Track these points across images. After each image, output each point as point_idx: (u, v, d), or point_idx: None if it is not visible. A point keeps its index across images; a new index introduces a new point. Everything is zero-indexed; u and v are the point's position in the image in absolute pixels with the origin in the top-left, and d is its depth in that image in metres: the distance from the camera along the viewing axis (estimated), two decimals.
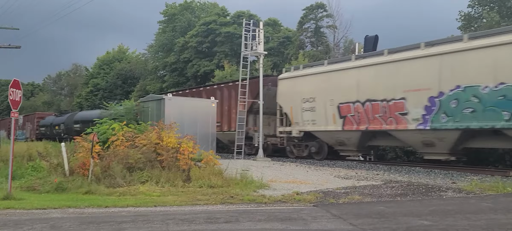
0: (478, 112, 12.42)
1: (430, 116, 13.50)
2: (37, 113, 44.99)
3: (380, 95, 14.96)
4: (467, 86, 12.62)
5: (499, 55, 11.99)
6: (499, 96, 11.98)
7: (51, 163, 11.86)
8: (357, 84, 15.69)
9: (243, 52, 19.52)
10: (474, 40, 12.97)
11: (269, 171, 13.62)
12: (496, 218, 6.62)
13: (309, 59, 31.98)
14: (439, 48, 13.64)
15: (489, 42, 12.45)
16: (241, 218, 6.68)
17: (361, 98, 15.52)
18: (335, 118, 16.38)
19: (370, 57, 15.88)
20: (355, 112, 15.78)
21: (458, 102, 12.89)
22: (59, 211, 7.55)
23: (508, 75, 11.75)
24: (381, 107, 14.97)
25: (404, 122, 14.27)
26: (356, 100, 15.70)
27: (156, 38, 50.79)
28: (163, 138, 12.21)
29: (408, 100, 14.09)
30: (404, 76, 14.28)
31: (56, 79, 75.60)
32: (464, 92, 12.71)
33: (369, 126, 15.33)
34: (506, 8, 21.96)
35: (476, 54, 12.57)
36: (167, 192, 9.73)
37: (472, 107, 12.54)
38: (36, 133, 40.10)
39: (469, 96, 12.57)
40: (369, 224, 6.19)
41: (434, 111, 13.44)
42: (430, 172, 13.43)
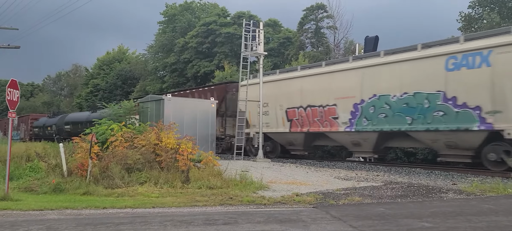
0: (389, 117, 14.81)
1: (355, 120, 15.89)
2: (31, 114, 46.10)
3: (318, 102, 17.35)
4: (381, 95, 15.02)
5: (403, 69, 14.46)
6: (403, 104, 14.42)
7: (49, 164, 11.78)
8: (300, 91, 17.95)
9: (243, 53, 19.46)
10: (387, 56, 15.25)
11: (269, 172, 13.56)
12: (497, 220, 6.55)
13: (309, 60, 31.92)
14: (362, 62, 16.05)
15: (396, 58, 14.77)
16: (240, 219, 6.61)
17: (304, 104, 17.92)
18: (284, 120, 18.65)
19: (311, 68, 18.37)
20: (299, 116, 18.24)
21: (374, 109, 15.29)
22: (56, 213, 7.48)
23: (409, 86, 14.16)
24: (318, 112, 17.41)
25: (336, 125, 16.70)
26: (300, 106, 18.08)
27: (156, 39, 50.81)
28: (162, 139, 12.15)
29: (339, 106, 16.54)
30: (336, 85, 16.66)
31: (55, 80, 75.67)
32: (379, 100, 15.12)
33: (310, 128, 17.66)
34: (506, 9, 21.91)
35: (387, 68, 14.98)
36: (165, 193, 9.66)
37: (384, 113, 14.93)
38: (30, 134, 41.56)
39: (382, 103, 14.95)
40: (369, 226, 6.12)
41: (358, 116, 15.81)
42: (431, 173, 13.37)
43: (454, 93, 13.16)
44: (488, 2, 22.27)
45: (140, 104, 18.32)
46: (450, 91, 13.25)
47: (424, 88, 13.82)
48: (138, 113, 17.79)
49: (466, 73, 12.90)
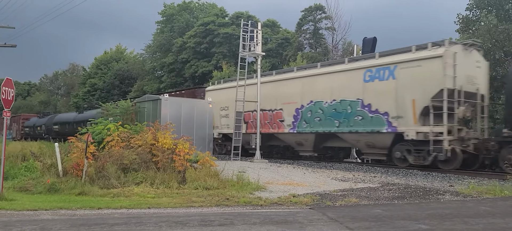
0: (322, 120, 16.97)
1: (297, 123, 18.00)
2: (22, 115, 47.78)
3: (268, 106, 19.53)
4: (316, 101, 17.21)
5: (333, 79, 16.81)
6: (332, 109, 16.66)
7: (45, 164, 11.72)
8: (255, 97, 19.32)
9: (241, 53, 19.42)
10: (323, 68, 17.79)
11: (266, 173, 13.52)
12: (494, 222, 6.54)
13: (307, 60, 31.92)
14: (303, 72, 18.44)
15: (329, 70, 17.31)
16: (236, 221, 6.56)
17: (264, 108, 19.57)
18: (241, 122, 19.83)
19: (263, 77, 20.26)
20: (253, 119, 20.05)
21: (311, 113, 17.51)
22: (50, 213, 7.41)
23: (337, 94, 16.42)
24: (269, 116, 19.63)
25: (282, 127, 18.89)
26: (254, 110, 19.73)
27: (154, 39, 50.72)
28: (158, 139, 12.08)
29: (284, 110, 18.75)
30: (282, 92, 18.83)
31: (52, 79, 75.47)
32: (314, 106, 17.33)
33: (262, 129, 19.40)
34: (503, 11, 21.93)
35: (322, 78, 17.21)
36: (161, 193, 9.60)
37: (319, 117, 17.10)
38: (21, 133, 43.45)
39: (317, 108, 17.15)
40: (365, 228, 6.09)
41: (299, 119, 17.93)
42: (428, 175, 13.36)
43: (369, 101, 15.44)
44: (485, 4, 22.28)
45: (137, 104, 18.25)
46: (367, 99, 15.53)
47: (348, 96, 16.11)
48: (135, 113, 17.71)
49: (378, 84, 15.21)
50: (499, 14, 21.87)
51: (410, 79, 14.24)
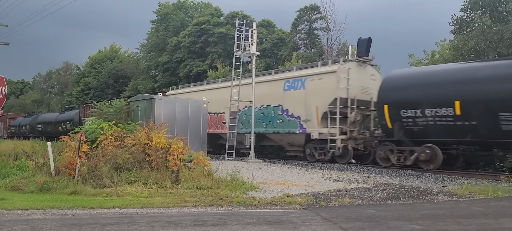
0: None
1: (236, 124, 19.51)
2: (9, 114, 50.19)
3: (214, 110, 22.13)
4: (249, 106, 19.29)
5: (262, 87, 19.56)
6: (261, 113, 19.69)
7: (37, 162, 11.60)
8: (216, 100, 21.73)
9: (236, 53, 19.37)
10: (258, 77, 20.17)
11: (260, 173, 13.50)
12: (487, 222, 6.55)
13: (302, 60, 31.91)
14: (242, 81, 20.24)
15: (260, 79, 20.08)
16: (229, 221, 6.53)
17: (210, 111, 21.44)
18: None
19: (211, 84, 23.85)
20: (216, 120, 22.65)
21: (246, 116, 20.26)
22: (41, 212, 7.33)
23: (265, 100, 19.42)
24: (215, 118, 22.48)
25: (225, 128, 21.32)
26: (217, 112, 22.47)
27: (149, 38, 50.48)
28: (152, 138, 12.00)
29: (226, 113, 21.05)
30: (225, 98, 20.35)
31: (46, 78, 74.89)
32: (248, 110, 19.74)
33: (210, 129, 21.32)
34: (497, 13, 22.02)
35: (255, 86, 19.15)
36: (155, 193, 9.54)
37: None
38: (8, 132, 45.86)
39: (250, 112, 19.20)
40: (359, 228, 6.08)
41: (236, 121, 19.59)
42: (421, 175, 13.40)
43: (287, 106, 18.64)
44: (480, 5, 22.36)
45: (131, 103, 18.15)
46: (285, 105, 18.75)
47: (272, 102, 19.18)
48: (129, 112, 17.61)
49: (293, 93, 18.37)
50: (493, 16, 21.96)
51: (315, 89, 17.40)
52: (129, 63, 55.55)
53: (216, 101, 21.72)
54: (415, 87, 14.82)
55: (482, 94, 12.83)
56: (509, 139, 12.42)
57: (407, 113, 14.59)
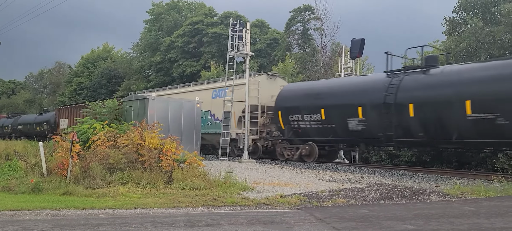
0: (208, 125, 21.78)
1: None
2: None
3: None
4: (205, 111, 21.19)
5: (200, 95, 21.04)
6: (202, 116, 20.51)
7: (28, 163, 11.50)
8: None
9: (230, 53, 19.34)
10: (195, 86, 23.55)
11: (254, 173, 13.48)
12: (479, 222, 6.59)
13: (296, 61, 31.93)
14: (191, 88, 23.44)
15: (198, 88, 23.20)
16: (222, 221, 6.51)
17: None
18: None
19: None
20: None
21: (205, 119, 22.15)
22: (33, 213, 7.27)
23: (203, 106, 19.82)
24: None
25: None
26: None
27: (142, 37, 50.24)
28: (145, 138, 11.95)
29: None
30: None
31: (38, 77, 74.23)
32: (206, 114, 21.66)
33: None
34: (489, 14, 22.21)
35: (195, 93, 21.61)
36: (148, 193, 9.50)
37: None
38: None
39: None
40: (352, 228, 6.09)
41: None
42: (414, 175, 13.47)
43: (214, 111, 21.41)
44: (472, 7, 22.55)
45: (124, 103, 18.04)
46: (213, 110, 21.53)
47: (205, 108, 20.95)
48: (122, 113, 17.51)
49: (218, 100, 20.76)
50: (485, 17, 22.14)
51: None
52: (122, 63, 55.23)
53: None
54: (299, 98, 18.40)
55: (337, 104, 16.78)
56: (354, 137, 16.42)
57: (293, 118, 18.22)
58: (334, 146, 18.37)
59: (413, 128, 14.25)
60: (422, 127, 14.11)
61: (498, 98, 12.33)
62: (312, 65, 31.31)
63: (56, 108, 36.41)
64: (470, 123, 12.81)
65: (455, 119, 13.22)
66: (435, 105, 13.68)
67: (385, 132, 14.70)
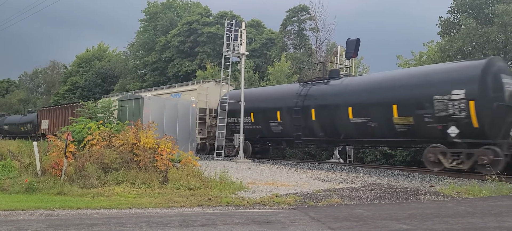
0: None
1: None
2: None
3: None
4: None
5: None
6: None
7: (22, 163, 11.42)
8: None
9: (225, 53, 19.32)
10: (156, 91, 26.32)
11: (249, 173, 13.47)
12: (473, 221, 6.62)
13: (291, 61, 31.93)
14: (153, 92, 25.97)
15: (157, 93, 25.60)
16: (217, 221, 6.50)
17: None
18: None
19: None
20: None
21: None
22: (27, 213, 7.22)
23: None
24: None
25: None
26: None
27: (137, 37, 50.10)
28: (140, 138, 11.90)
29: None
30: None
31: (32, 77, 73.74)
32: None
33: None
34: (484, 15, 22.33)
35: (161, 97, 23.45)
36: (143, 193, 9.46)
37: None
38: None
39: None
40: (347, 228, 6.10)
41: None
42: (409, 175, 13.52)
43: None
44: (466, 7, 22.67)
45: (119, 102, 17.98)
46: None
47: None
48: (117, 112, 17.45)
49: None
50: (479, 18, 22.27)
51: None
52: (117, 62, 55.04)
53: None
54: (235, 103, 19.49)
55: (262, 108, 19.38)
56: (276, 137, 19.01)
57: (231, 120, 20.24)
58: (264, 144, 21.27)
59: (315, 129, 17.28)
60: (321, 128, 17.12)
61: (368, 106, 15.35)
62: (308, 65, 31.34)
63: (38, 110, 39.18)
64: (352, 125, 15.84)
65: (342, 121, 16.19)
66: (329, 111, 16.69)
67: (296, 132, 17.72)
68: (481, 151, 12.65)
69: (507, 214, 7.33)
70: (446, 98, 13.11)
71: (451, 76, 13.44)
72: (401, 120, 14.38)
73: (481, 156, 12.59)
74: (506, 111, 13.05)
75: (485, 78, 12.82)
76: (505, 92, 13.20)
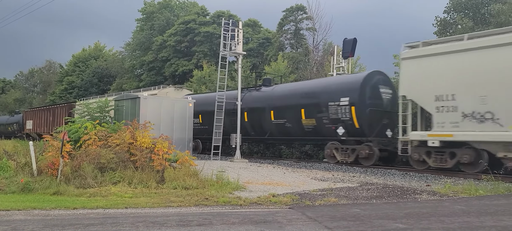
0: None
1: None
2: None
3: None
4: None
5: None
6: None
7: (18, 162, 11.37)
8: None
9: (222, 52, 19.30)
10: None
11: (246, 172, 13.47)
12: (469, 220, 6.65)
13: (288, 60, 31.96)
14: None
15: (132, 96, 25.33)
16: (214, 221, 6.49)
17: None
18: None
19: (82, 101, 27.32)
20: None
21: None
22: (23, 213, 7.19)
23: None
24: None
25: None
26: None
27: (134, 36, 50.00)
28: (137, 138, 11.89)
29: None
30: None
31: (28, 76, 73.48)
32: None
33: None
34: (480, 15, 22.44)
35: None
36: (139, 193, 9.44)
37: None
38: None
39: None
40: (344, 227, 6.11)
41: None
42: (405, 175, 13.55)
43: None
44: (462, 7, 22.78)
45: (115, 102, 17.92)
46: None
47: None
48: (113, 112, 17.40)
49: None
50: (475, 18, 22.39)
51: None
52: (113, 62, 54.91)
53: None
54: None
55: (206, 111, 21.24)
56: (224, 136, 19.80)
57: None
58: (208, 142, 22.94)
59: (248, 129, 20.00)
60: (252, 128, 20.00)
61: (285, 110, 18.31)
62: (305, 65, 31.35)
63: (23, 111, 42.44)
64: (274, 125, 18.79)
65: (266, 122, 19.18)
66: (257, 113, 19.56)
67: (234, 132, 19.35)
68: (361, 146, 15.71)
69: (503, 213, 7.37)
70: (336, 104, 16.16)
71: (341, 87, 16.46)
72: (307, 121, 17.39)
73: (361, 151, 15.65)
74: (381, 115, 15.96)
75: (364, 88, 15.80)
76: (383, 99, 16.19)
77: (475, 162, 12.78)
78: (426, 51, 13.64)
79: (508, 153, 11.99)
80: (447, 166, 13.23)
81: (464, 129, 12.61)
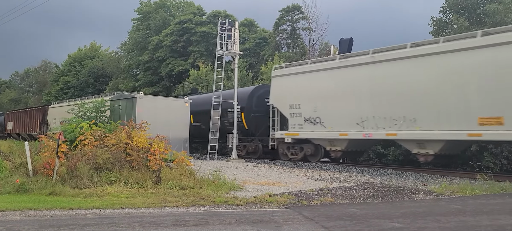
0: None
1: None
2: None
3: None
4: None
5: None
6: None
7: (14, 163, 11.31)
8: None
9: (218, 52, 19.29)
10: None
11: (242, 172, 13.47)
12: (465, 220, 6.67)
13: (284, 60, 31.99)
14: None
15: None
16: (211, 220, 6.48)
17: None
18: None
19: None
20: None
21: None
22: (18, 213, 7.15)
23: None
24: None
25: None
26: None
27: (130, 36, 49.88)
28: (133, 138, 11.86)
29: None
30: None
31: (24, 76, 73.20)
32: None
33: None
34: (475, 15, 22.55)
35: None
36: (135, 193, 9.42)
37: None
38: None
39: None
40: (340, 227, 6.12)
41: None
42: (402, 174, 13.60)
43: None
44: (458, 7, 22.88)
45: (111, 102, 17.86)
46: None
47: None
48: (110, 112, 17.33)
49: None
50: (471, 18, 22.48)
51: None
52: (109, 62, 54.76)
53: None
54: None
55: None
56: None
57: None
58: None
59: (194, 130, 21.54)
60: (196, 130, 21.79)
61: (201, 114, 20.99)
62: None
63: (5, 113, 45.29)
64: (194, 127, 20.90)
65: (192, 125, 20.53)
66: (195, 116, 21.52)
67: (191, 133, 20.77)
68: (249, 143, 20.01)
69: (499, 212, 7.40)
70: (232, 110, 19.04)
71: (238, 97, 19.17)
72: None
73: (249, 147, 20.00)
74: (264, 119, 19.19)
75: (251, 98, 19.91)
76: (268, 107, 18.97)
77: (315, 154, 17.22)
78: (284, 72, 18.12)
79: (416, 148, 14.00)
80: (298, 157, 17.54)
81: (305, 129, 16.92)
